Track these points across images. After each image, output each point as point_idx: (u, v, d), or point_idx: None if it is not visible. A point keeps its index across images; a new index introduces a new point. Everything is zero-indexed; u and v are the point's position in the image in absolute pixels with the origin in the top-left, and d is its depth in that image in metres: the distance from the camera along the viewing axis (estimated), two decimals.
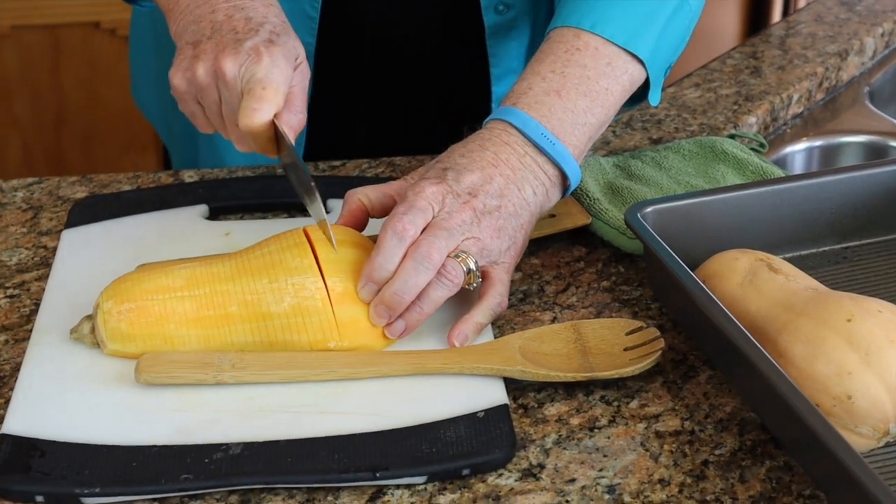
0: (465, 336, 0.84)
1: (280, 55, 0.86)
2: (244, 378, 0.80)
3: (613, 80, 0.92)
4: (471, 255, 0.84)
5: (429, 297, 0.83)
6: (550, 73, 0.91)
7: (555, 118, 0.89)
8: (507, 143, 0.88)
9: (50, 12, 2.19)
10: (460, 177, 0.86)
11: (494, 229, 0.85)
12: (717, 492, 0.74)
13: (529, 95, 0.90)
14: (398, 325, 0.83)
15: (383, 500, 0.74)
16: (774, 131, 1.23)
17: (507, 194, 0.86)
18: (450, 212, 0.84)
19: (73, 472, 0.73)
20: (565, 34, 0.93)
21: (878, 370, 0.73)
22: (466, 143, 0.89)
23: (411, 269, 0.82)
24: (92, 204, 1.02)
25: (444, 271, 0.82)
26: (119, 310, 0.82)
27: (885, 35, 1.38)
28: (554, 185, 0.90)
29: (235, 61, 0.85)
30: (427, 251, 0.82)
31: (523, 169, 0.88)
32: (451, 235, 0.83)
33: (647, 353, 0.81)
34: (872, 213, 0.95)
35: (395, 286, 0.82)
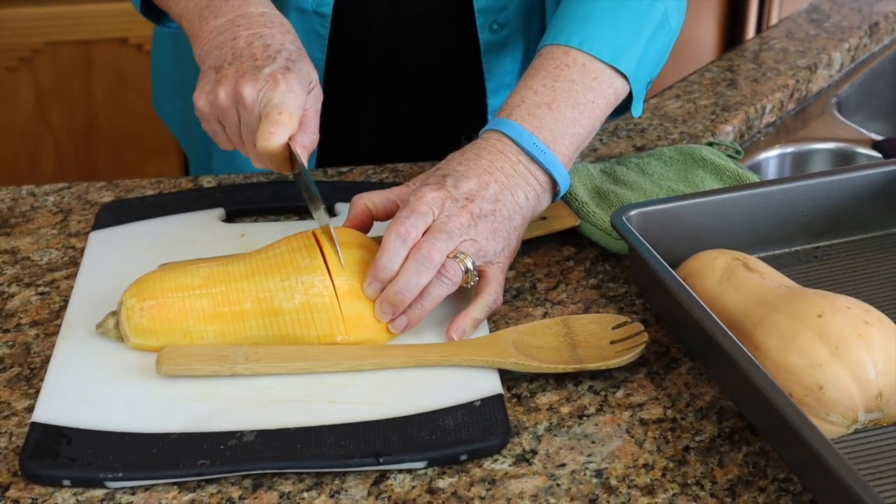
0: (462, 330, 0.83)
1: (295, 81, 0.86)
2: (257, 370, 0.79)
3: (599, 93, 0.92)
4: (468, 255, 0.83)
5: (429, 294, 0.82)
6: (542, 87, 0.91)
7: (545, 129, 0.89)
8: (502, 151, 0.88)
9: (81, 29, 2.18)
10: (458, 183, 0.85)
11: (490, 231, 0.84)
12: (698, 476, 0.73)
13: (522, 108, 0.90)
14: (401, 320, 0.82)
15: (386, 484, 0.72)
16: (749, 139, 1.21)
17: (502, 199, 0.86)
18: (449, 215, 0.83)
19: (97, 458, 0.72)
20: (555, 51, 0.93)
21: (847, 362, 0.71)
22: (464, 152, 0.89)
23: (413, 269, 0.81)
24: (117, 207, 1.01)
25: (443, 271, 0.82)
26: (141, 306, 0.81)
27: (851, 50, 1.36)
28: (545, 190, 0.89)
29: (254, 87, 0.85)
30: (428, 252, 0.81)
31: (516, 176, 0.87)
32: (450, 238, 0.82)
33: (632, 346, 0.80)
34: (841, 215, 0.93)
35: (399, 285, 0.81)
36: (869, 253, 0.93)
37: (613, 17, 0.94)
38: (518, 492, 0.72)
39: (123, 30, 2.18)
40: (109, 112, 2.26)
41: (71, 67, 2.21)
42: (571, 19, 0.94)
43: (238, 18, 0.91)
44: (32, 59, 2.16)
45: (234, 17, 0.92)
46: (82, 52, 2.20)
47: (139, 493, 0.72)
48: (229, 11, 0.92)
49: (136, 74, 2.22)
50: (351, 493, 0.72)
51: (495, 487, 0.72)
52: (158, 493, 0.72)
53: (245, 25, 0.90)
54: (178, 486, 0.72)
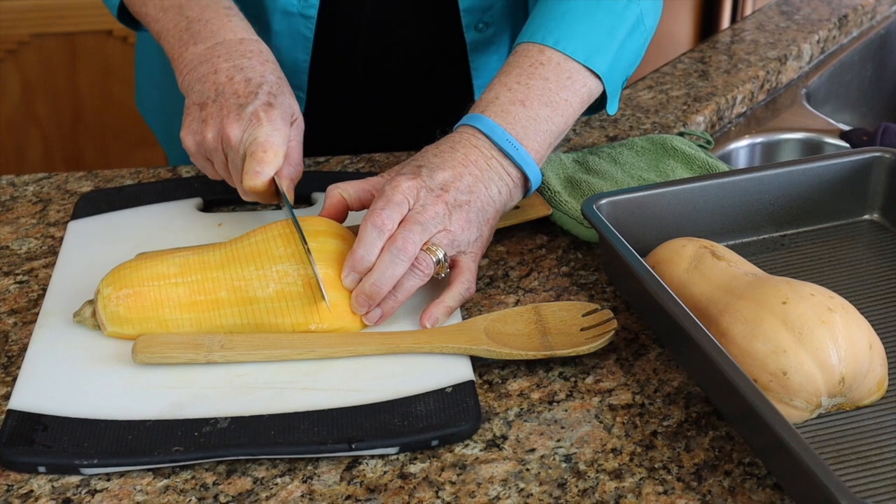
0: (435, 318, 0.82)
1: (278, 117, 0.86)
2: (232, 357, 0.78)
3: (573, 92, 0.91)
4: (441, 246, 0.82)
5: (402, 286, 0.82)
6: (516, 84, 0.90)
7: (518, 125, 0.88)
8: (476, 146, 0.87)
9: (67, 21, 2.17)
10: (433, 173, 0.84)
11: (465, 221, 0.84)
12: (665, 460, 0.73)
13: (496, 104, 0.89)
14: (374, 313, 0.82)
15: (359, 469, 0.72)
16: (720, 129, 1.21)
17: (476, 191, 0.85)
18: (424, 205, 0.82)
19: (73, 444, 0.72)
20: (530, 49, 0.92)
21: (810, 348, 0.71)
22: (438, 145, 0.88)
23: (388, 262, 0.80)
24: (96, 197, 1.00)
25: (416, 263, 0.81)
26: (118, 295, 0.80)
27: (820, 42, 1.36)
28: (517, 185, 0.88)
29: (239, 127, 0.86)
30: (403, 244, 0.80)
31: (489, 170, 0.87)
32: (424, 229, 0.81)
33: (601, 333, 0.80)
34: (807, 204, 0.93)
35: (374, 277, 0.80)
36: (835, 241, 0.92)
37: (589, 18, 0.93)
38: (488, 477, 0.71)
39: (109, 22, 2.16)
40: (95, 103, 2.25)
41: (57, 59, 2.20)
42: (547, 18, 0.93)
43: (217, 47, 0.92)
44: (18, 51, 2.14)
45: (213, 45, 0.92)
46: (68, 44, 2.18)
47: (114, 479, 0.71)
48: (208, 37, 0.92)
49: (122, 66, 2.20)
50: (323, 479, 0.71)
51: (466, 472, 0.72)
52: (133, 479, 0.71)
53: (225, 56, 0.91)
54: (152, 472, 0.72)
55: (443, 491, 0.70)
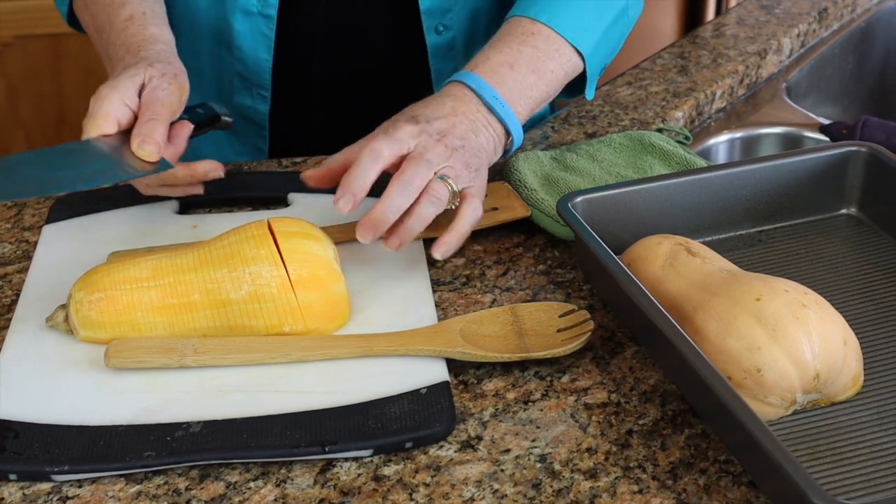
0: (448, 246, 0.85)
1: (106, 89, 0.88)
2: (205, 362, 0.77)
3: (559, 64, 0.96)
4: (450, 177, 0.85)
5: (419, 214, 0.83)
6: (507, 48, 0.94)
7: (505, 86, 0.92)
8: (462, 100, 0.90)
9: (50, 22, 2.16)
10: (430, 121, 0.87)
11: (463, 163, 0.86)
12: (640, 459, 0.72)
13: (486, 65, 0.93)
14: (394, 240, 0.83)
15: (332, 472, 0.71)
16: (700, 124, 1.21)
17: (469, 138, 0.88)
18: (426, 146, 0.85)
19: (44, 451, 0.71)
20: (522, 21, 0.96)
21: (784, 345, 0.71)
22: (425, 100, 0.90)
23: (396, 193, 0.82)
24: (71, 200, 0.99)
25: (432, 191, 0.84)
26: (90, 299, 0.80)
27: (800, 35, 1.36)
28: (500, 141, 0.92)
29: None
30: (410, 178, 0.83)
31: (476, 122, 0.90)
32: (430, 165, 0.84)
33: (577, 334, 0.79)
34: (784, 199, 0.93)
35: (383, 205, 0.82)
36: (811, 236, 0.92)
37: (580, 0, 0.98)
38: (463, 478, 0.71)
39: None
40: (79, 105, 2.24)
41: (41, 61, 2.19)
42: None
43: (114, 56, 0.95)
44: (2, 52, 2.14)
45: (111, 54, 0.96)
46: (52, 45, 2.18)
47: (86, 485, 0.71)
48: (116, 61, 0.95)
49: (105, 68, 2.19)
50: (297, 482, 0.71)
51: (440, 474, 0.71)
52: (105, 485, 0.71)
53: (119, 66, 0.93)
54: (124, 478, 0.71)
55: (417, 493, 0.70)
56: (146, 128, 0.86)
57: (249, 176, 1.03)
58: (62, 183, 0.83)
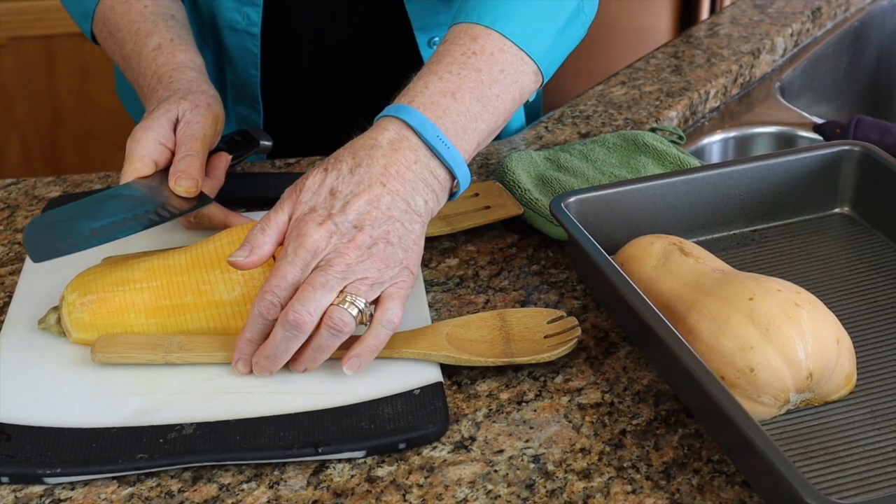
0: (358, 362, 0.76)
1: (140, 129, 0.87)
2: (190, 359, 0.77)
3: (504, 87, 0.85)
4: (359, 295, 0.75)
5: (320, 346, 0.75)
6: (447, 73, 0.83)
7: (449, 120, 0.81)
8: (398, 149, 0.79)
9: (44, 24, 2.16)
10: (346, 207, 0.76)
11: (382, 261, 0.76)
12: (634, 459, 0.72)
13: (426, 95, 0.81)
14: (298, 366, 0.77)
15: (325, 474, 0.71)
16: (694, 124, 1.21)
17: (397, 215, 0.77)
18: (331, 258, 0.75)
19: (36, 454, 0.71)
20: (463, 34, 0.86)
21: (777, 344, 0.71)
22: (356, 152, 0.79)
23: (280, 336, 0.74)
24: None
25: (330, 322, 0.74)
26: (82, 301, 0.80)
27: (794, 35, 1.36)
28: (444, 188, 0.81)
29: None
30: (294, 319, 0.73)
31: (414, 178, 0.79)
32: (326, 290, 0.74)
33: (564, 341, 0.79)
34: (778, 198, 0.93)
35: (266, 351, 0.75)
36: (805, 235, 0.92)
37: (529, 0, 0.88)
38: (456, 479, 0.71)
39: None
40: (74, 106, 2.24)
41: (35, 62, 2.19)
42: None
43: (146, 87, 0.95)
44: None
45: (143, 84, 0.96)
46: (46, 46, 2.17)
47: (78, 488, 0.70)
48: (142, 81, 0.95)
49: (100, 68, 2.19)
50: (290, 484, 0.71)
51: (433, 475, 0.71)
52: (98, 487, 0.70)
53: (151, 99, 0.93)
54: (117, 480, 0.71)
55: (410, 494, 0.70)
56: (183, 164, 0.86)
57: (243, 178, 1.03)
58: (103, 234, 0.81)
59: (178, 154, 0.87)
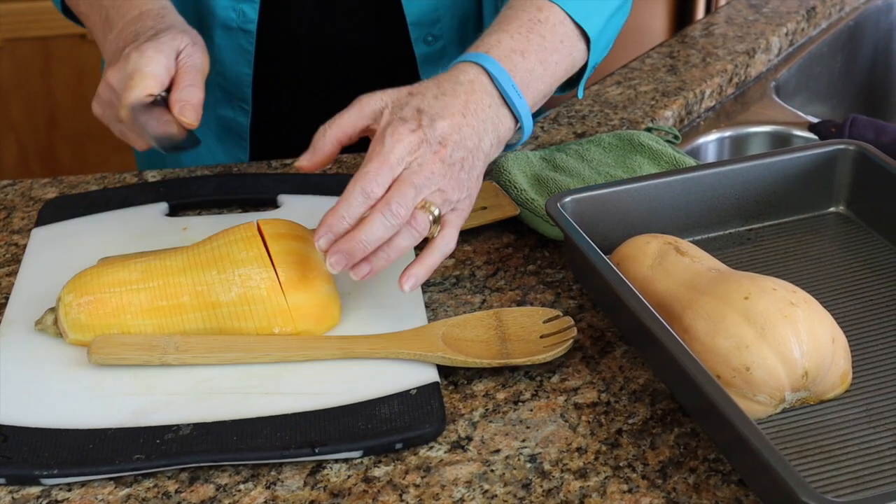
0: (416, 279, 0.80)
1: (150, 48, 0.86)
2: (186, 360, 0.77)
3: (562, 57, 0.91)
4: (436, 205, 0.80)
5: (396, 245, 0.79)
6: (518, 33, 0.88)
7: (518, 74, 0.86)
8: (477, 91, 0.84)
9: (40, 25, 2.16)
10: (434, 123, 0.80)
11: (457, 181, 0.81)
12: (630, 458, 0.72)
13: (500, 48, 0.87)
14: (363, 267, 0.78)
15: (322, 474, 0.71)
16: (689, 123, 1.21)
17: (471, 147, 0.82)
18: (421, 164, 0.79)
19: (33, 455, 0.71)
20: (528, 4, 0.91)
21: (773, 343, 0.71)
22: (440, 84, 0.84)
23: (378, 223, 0.77)
24: (60, 204, 0.99)
25: (413, 222, 0.78)
26: (79, 302, 0.80)
27: (788, 34, 1.36)
28: (506, 136, 0.87)
29: (116, 69, 0.87)
30: (396, 209, 0.77)
31: (486, 120, 0.84)
32: (418, 192, 0.78)
33: (560, 341, 0.79)
34: (773, 198, 0.93)
35: (361, 235, 0.77)
36: (800, 234, 0.92)
37: None
38: (453, 478, 0.71)
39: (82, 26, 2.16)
40: (70, 107, 2.24)
41: (31, 64, 2.19)
42: None
43: (125, 27, 0.92)
44: None
45: (122, 27, 0.93)
46: (42, 48, 2.18)
47: (75, 489, 0.70)
48: (118, 20, 0.93)
49: (96, 70, 2.19)
50: (287, 485, 0.71)
51: (430, 475, 0.71)
52: (94, 488, 0.70)
53: (130, 32, 0.91)
54: (114, 481, 0.71)
55: (407, 494, 0.70)
56: (186, 93, 0.86)
57: (239, 178, 1.03)
58: None
59: (182, 82, 0.86)
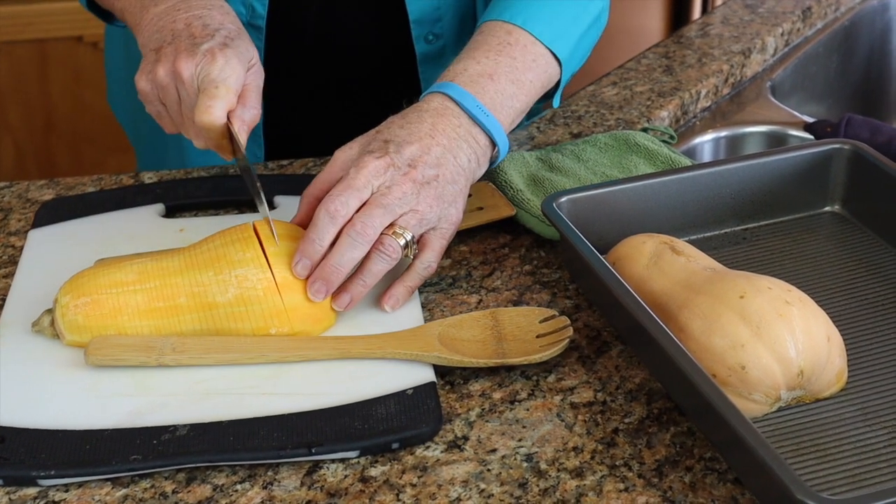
0: (396, 299, 0.83)
1: (233, 56, 0.85)
2: (183, 361, 0.77)
3: (536, 75, 0.93)
4: (408, 228, 0.81)
5: (369, 270, 0.81)
6: (484, 58, 0.91)
7: (487, 96, 0.89)
8: (443, 114, 0.87)
9: (36, 28, 2.16)
10: (401, 149, 0.83)
11: (433, 198, 0.83)
12: (626, 457, 0.72)
13: (465, 75, 0.89)
14: (344, 297, 0.81)
15: (319, 474, 0.72)
16: (685, 124, 1.21)
17: (444, 163, 0.84)
18: (390, 186, 0.81)
19: (30, 456, 0.71)
20: (497, 28, 0.93)
21: (768, 342, 0.71)
22: (405, 115, 0.87)
23: (346, 244, 0.80)
24: (57, 205, 0.99)
25: (381, 247, 0.81)
26: (76, 303, 0.80)
27: (784, 34, 1.36)
28: (485, 153, 0.89)
29: (191, 62, 0.84)
30: (362, 228, 0.79)
31: (458, 139, 0.86)
32: (387, 211, 0.80)
33: (556, 340, 0.79)
34: (769, 197, 0.93)
35: (333, 260, 0.80)
36: (796, 233, 0.92)
37: (556, 3, 0.95)
38: (449, 478, 0.71)
39: (78, 28, 2.15)
40: (67, 110, 2.24)
41: (27, 66, 2.19)
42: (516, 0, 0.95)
43: (178, 3, 0.91)
44: None
45: (174, 3, 0.91)
46: (38, 50, 2.18)
47: (72, 489, 0.70)
48: None
49: (93, 72, 2.19)
50: (284, 485, 0.71)
51: (427, 474, 0.71)
52: (91, 489, 0.71)
53: (184, 9, 0.90)
54: (111, 482, 0.71)
55: (403, 494, 0.70)
56: (250, 115, 0.86)
57: (236, 179, 1.03)
58: None
59: (249, 101, 0.86)
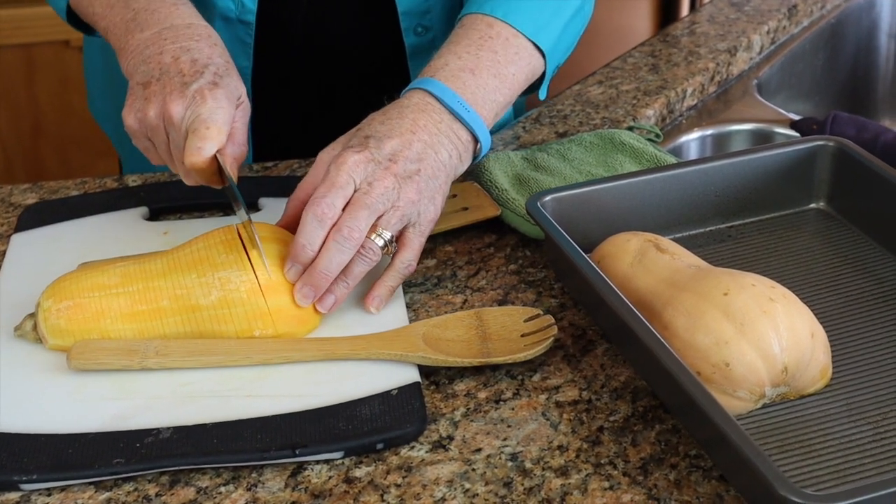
0: (379, 300, 0.84)
1: (223, 96, 0.84)
2: (167, 364, 0.77)
3: (519, 67, 0.93)
4: (388, 227, 0.82)
5: (352, 272, 0.82)
6: (465, 53, 0.90)
7: (468, 91, 0.88)
8: (424, 110, 0.86)
9: (23, 32, 2.15)
10: (381, 144, 0.83)
11: (414, 193, 0.83)
12: (611, 455, 0.72)
13: (446, 70, 0.89)
14: (328, 299, 0.82)
15: (303, 475, 0.71)
16: (671, 122, 1.21)
17: (425, 158, 0.84)
18: (371, 182, 0.81)
19: (12, 460, 0.71)
20: (478, 22, 0.93)
21: (752, 339, 0.71)
22: (386, 111, 0.87)
23: (334, 250, 0.80)
24: (40, 209, 0.99)
25: (363, 249, 0.81)
26: (58, 307, 0.79)
27: (770, 32, 1.36)
28: (466, 149, 0.88)
29: (182, 104, 0.83)
30: (348, 233, 0.80)
31: (439, 134, 0.86)
32: (371, 212, 0.81)
33: (541, 340, 0.79)
34: (753, 194, 0.93)
35: (321, 265, 0.80)
36: (781, 231, 0.93)
37: None
38: (434, 478, 0.71)
39: (65, 32, 2.14)
40: (54, 114, 2.23)
41: (14, 71, 2.18)
42: None
43: (164, 31, 0.89)
44: None
45: (159, 30, 0.90)
46: (25, 55, 2.17)
47: (55, 493, 0.70)
48: (155, 24, 0.90)
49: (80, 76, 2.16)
50: (268, 486, 0.71)
51: (411, 475, 0.71)
52: (74, 493, 0.70)
53: (171, 39, 0.89)
54: (94, 485, 0.71)
55: (388, 494, 0.70)
56: (239, 151, 0.85)
57: None
58: None
59: (238, 139, 0.86)
